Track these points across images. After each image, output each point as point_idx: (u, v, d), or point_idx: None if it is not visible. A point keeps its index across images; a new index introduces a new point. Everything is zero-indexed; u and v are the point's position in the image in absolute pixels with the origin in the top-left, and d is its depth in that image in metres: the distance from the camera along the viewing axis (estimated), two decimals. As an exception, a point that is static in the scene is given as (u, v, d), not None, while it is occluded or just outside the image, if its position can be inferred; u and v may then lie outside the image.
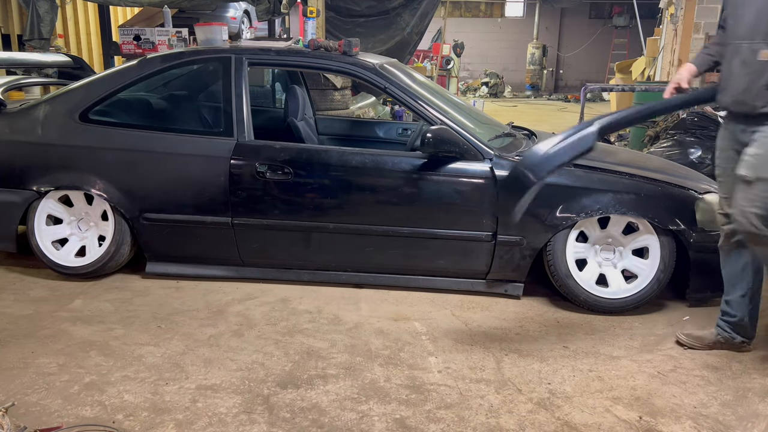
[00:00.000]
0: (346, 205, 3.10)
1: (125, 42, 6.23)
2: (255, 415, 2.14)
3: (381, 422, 2.11)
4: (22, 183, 3.25)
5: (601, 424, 2.13)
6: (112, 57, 8.90)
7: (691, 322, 2.96)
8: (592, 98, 15.98)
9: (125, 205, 3.20)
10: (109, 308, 2.98)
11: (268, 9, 8.12)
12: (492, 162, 3.03)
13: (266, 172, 3.07)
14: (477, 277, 3.18)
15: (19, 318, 2.85)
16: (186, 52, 3.46)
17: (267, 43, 3.62)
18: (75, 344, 2.61)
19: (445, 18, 14.10)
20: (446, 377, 2.42)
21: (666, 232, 2.96)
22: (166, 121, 3.58)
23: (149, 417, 2.11)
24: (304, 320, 2.89)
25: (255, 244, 3.20)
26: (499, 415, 2.17)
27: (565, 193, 2.98)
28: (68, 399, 2.20)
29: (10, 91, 3.83)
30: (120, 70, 3.43)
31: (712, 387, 2.39)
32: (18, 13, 9.04)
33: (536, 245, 3.02)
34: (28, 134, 3.29)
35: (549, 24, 21.64)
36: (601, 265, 3.08)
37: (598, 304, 3.03)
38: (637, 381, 2.42)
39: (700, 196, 3.01)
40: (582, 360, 2.58)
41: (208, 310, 2.98)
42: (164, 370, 2.40)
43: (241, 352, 2.56)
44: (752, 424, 2.15)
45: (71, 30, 9.71)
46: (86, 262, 3.27)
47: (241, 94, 3.19)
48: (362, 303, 3.09)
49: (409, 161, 3.07)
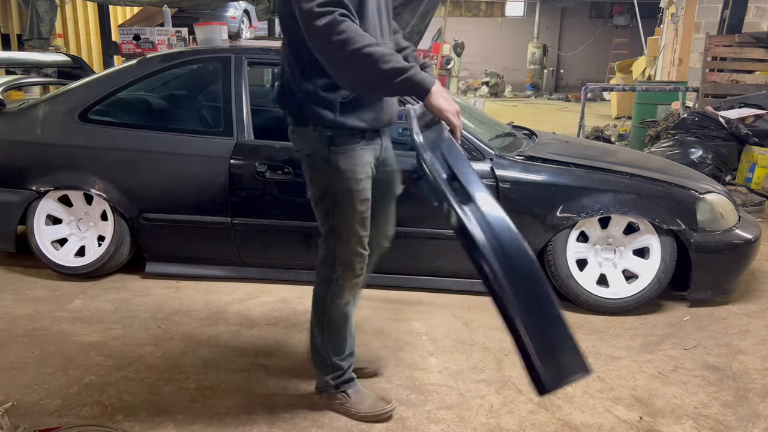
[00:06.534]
0: (346, 205, 3.09)
1: (125, 41, 6.22)
2: (255, 415, 2.13)
3: (381, 422, 2.11)
4: (21, 183, 3.24)
5: (602, 424, 2.13)
6: (111, 57, 8.89)
7: (691, 322, 2.96)
8: (592, 98, 15.97)
9: (125, 205, 3.19)
10: (109, 308, 2.97)
11: (268, 8, 8.11)
12: (492, 162, 3.02)
13: (266, 171, 3.06)
14: (477, 277, 3.15)
15: (19, 318, 2.85)
16: (185, 51, 3.46)
17: (267, 43, 3.61)
18: (75, 344, 2.60)
19: (445, 18, 14.10)
20: (446, 377, 2.41)
21: (667, 232, 2.96)
22: (165, 120, 3.57)
23: (149, 417, 2.10)
24: (304, 320, 2.88)
25: (255, 244, 3.20)
26: (499, 415, 2.17)
27: (566, 193, 2.98)
28: (68, 399, 2.20)
29: (10, 90, 3.83)
30: (119, 69, 3.43)
31: (712, 387, 2.39)
32: (17, 12, 9.05)
33: (537, 245, 3.01)
34: (27, 134, 3.28)
35: (549, 23, 21.63)
36: (602, 265, 3.07)
37: (599, 304, 3.03)
38: (637, 381, 2.42)
39: (701, 196, 3.01)
40: (582, 360, 2.57)
41: (207, 310, 2.97)
42: (164, 370, 2.40)
43: (241, 353, 2.56)
44: (753, 425, 2.15)
45: (71, 30, 9.70)
46: (86, 262, 3.26)
47: (240, 94, 3.19)
48: (362, 302, 3.08)
49: (409, 161, 3.05)
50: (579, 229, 3.02)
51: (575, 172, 3.04)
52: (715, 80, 7.08)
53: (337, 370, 2.10)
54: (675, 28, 9.76)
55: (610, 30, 19.94)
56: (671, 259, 2.97)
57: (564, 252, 3.01)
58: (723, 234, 2.99)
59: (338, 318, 2.05)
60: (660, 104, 7.42)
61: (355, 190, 1.91)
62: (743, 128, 5.41)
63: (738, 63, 7.18)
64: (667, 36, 10.49)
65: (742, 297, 3.26)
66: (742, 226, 3.09)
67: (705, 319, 2.99)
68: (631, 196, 2.97)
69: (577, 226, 3.00)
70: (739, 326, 2.93)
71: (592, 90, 6.98)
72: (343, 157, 1.89)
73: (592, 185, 2.99)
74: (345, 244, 1.97)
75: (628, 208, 2.95)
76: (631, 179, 3.03)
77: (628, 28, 18.86)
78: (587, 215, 2.96)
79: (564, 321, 1.68)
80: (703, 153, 5.37)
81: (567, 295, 3.06)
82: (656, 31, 12.04)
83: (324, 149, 1.88)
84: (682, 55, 9.30)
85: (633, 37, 16.89)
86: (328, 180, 1.92)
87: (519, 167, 3.03)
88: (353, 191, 1.91)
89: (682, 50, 9.32)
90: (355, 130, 1.88)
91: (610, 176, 3.04)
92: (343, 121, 1.85)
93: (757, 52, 7.05)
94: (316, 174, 1.95)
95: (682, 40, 9.25)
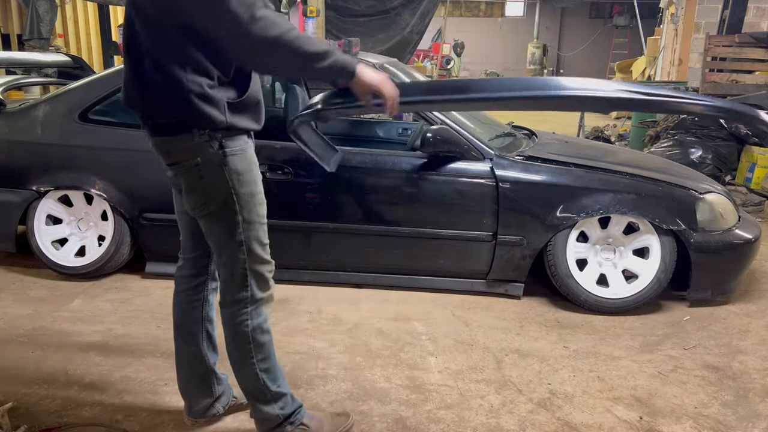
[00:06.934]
0: (346, 205, 3.10)
1: (125, 42, 6.21)
2: (255, 415, 2.13)
3: (381, 422, 2.11)
4: (21, 183, 3.24)
5: (602, 424, 2.13)
6: (111, 57, 8.90)
7: (691, 323, 2.96)
8: (592, 98, 15.92)
9: (125, 205, 3.19)
10: (109, 308, 2.97)
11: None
12: (492, 162, 3.02)
13: (266, 171, 3.06)
14: (477, 277, 3.18)
15: (19, 318, 2.85)
16: (186, 51, 3.45)
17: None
18: (75, 344, 2.60)
19: (445, 17, 14.10)
20: (446, 377, 2.41)
21: (666, 232, 2.96)
22: (165, 120, 3.57)
23: (149, 417, 2.10)
24: (304, 320, 2.88)
25: (255, 244, 3.19)
26: (499, 415, 2.17)
27: (566, 193, 2.98)
28: (68, 399, 2.20)
29: (10, 90, 3.83)
30: (120, 69, 3.42)
31: (712, 387, 2.39)
32: (18, 12, 9.05)
33: (537, 245, 3.02)
34: (27, 134, 3.28)
35: (549, 24, 21.65)
36: (602, 265, 3.07)
37: (599, 304, 3.03)
38: (637, 381, 2.42)
39: (701, 196, 3.01)
40: (582, 360, 2.58)
41: (208, 310, 2.97)
42: (164, 370, 2.40)
43: (241, 353, 2.55)
44: (753, 425, 2.15)
45: (71, 30, 9.71)
46: (86, 262, 3.26)
47: (241, 94, 3.18)
48: (362, 303, 3.08)
49: (409, 161, 3.07)
50: (579, 229, 3.02)
51: (575, 172, 3.04)
52: (715, 80, 7.09)
53: (280, 398, 1.87)
54: (675, 28, 9.76)
55: (610, 30, 19.95)
56: (671, 259, 2.98)
57: (564, 252, 3.01)
58: (723, 234, 2.99)
59: (264, 339, 1.84)
60: (660, 104, 7.40)
61: (256, 192, 1.76)
62: (743, 128, 5.41)
63: (738, 63, 7.18)
64: (667, 36, 10.50)
65: (742, 297, 3.26)
66: (742, 226, 3.09)
67: (705, 319, 2.99)
68: (631, 196, 2.97)
69: (577, 226, 3.00)
70: (739, 326, 2.93)
71: (592, 90, 6.97)
72: (239, 160, 1.71)
73: (592, 185, 3.00)
74: (254, 255, 1.76)
75: (628, 208, 2.95)
76: (631, 179, 3.03)
77: (628, 28, 18.87)
78: (587, 215, 2.96)
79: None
80: (703, 153, 5.38)
81: (567, 295, 3.06)
82: (656, 31, 12.05)
83: (217, 154, 1.67)
84: (682, 55, 9.31)
85: (633, 37, 16.90)
86: (226, 187, 1.70)
87: (519, 167, 3.03)
88: (255, 193, 1.75)
89: (682, 50, 9.33)
90: (243, 130, 1.72)
91: (610, 176, 3.04)
92: (233, 122, 1.67)
93: (757, 52, 7.06)
94: (211, 184, 1.70)
95: (682, 40, 9.26)
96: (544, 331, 2.84)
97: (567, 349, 2.68)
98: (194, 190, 1.74)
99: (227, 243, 1.75)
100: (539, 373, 2.46)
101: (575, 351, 2.66)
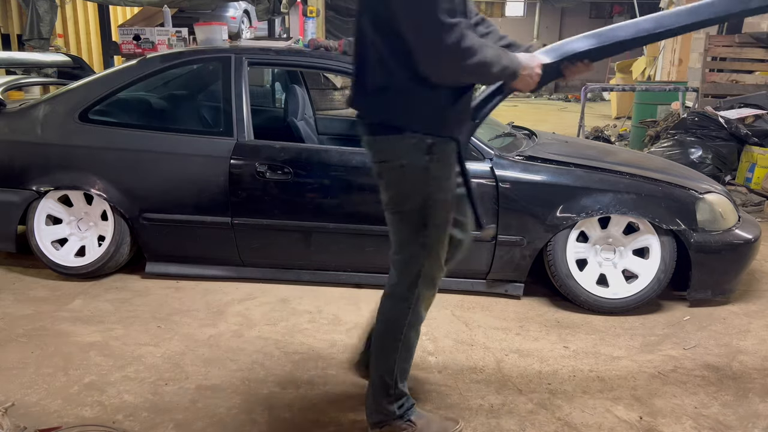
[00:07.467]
0: (346, 205, 3.09)
1: (125, 42, 6.23)
2: (255, 415, 2.14)
3: (381, 422, 2.11)
4: (21, 183, 3.24)
5: (602, 424, 2.13)
6: (111, 57, 8.90)
7: (691, 323, 2.96)
8: (592, 98, 15.97)
9: (125, 205, 3.19)
10: (109, 308, 2.98)
11: (268, 9, 8.13)
12: (492, 162, 3.02)
13: (266, 171, 3.06)
14: (477, 277, 3.18)
15: (19, 318, 2.85)
16: (186, 51, 3.45)
17: (267, 43, 3.61)
18: (75, 344, 2.60)
19: (445, 18, 14.08)
20: (446, 377, 2.41)
21: (666, 232, 2.96)
22: (165, 120, 3.57)
23: (149, 417, 2.10)
24: (304, 320, 2.88)
25: (255, 244, 3.20)
26: (499, 415, 2.17)
27: (566, 193, 2.98)
28: (68, 399, 2.20)
29: (10, 90, 3.83)
30: (120, 69, 3.42)
31: (712, 387, 2.39)
32: (18, 12, 9.05)
33: (536, 245, 3.01)
34: (27, 134, 3.28)
35: (549, 23, 21.63)
36: (602, 265, 3.07)
37: (599, 304, 3.03)
38: (637, 381, 2.42)
39: (700, 196, 3.01)
40: (582, 360, 2.58)
41: (208, 310, 2.97)
42: (164, 370, 2.40)
43: (241, 353, 2.56)
44: (753, 425, 2.15)
45: (71, 30, 9.71)
46: (86, 262, 3.26)
47: (240, 94, 3.19)
48: (362, 303, 3.08)
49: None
50: (579, 229, 3.02)
51: (575, 172, 3.04)
52: (715, 80, 7.09)
53: (401, 398, 1.92)
54: (675, 28, 9.74)
55: (610, 30, 19.91)
56: (671, 259, 2.98)
57: (564, 252, 3.01)
58: (723, 234, 2.99)
59: (413, 340, 1.90)
60: (660, 104, 7.42)
61: (449, 199, 1.79)
62: (743, 128, 5.42)
63: (738, 63, 7.18)
64: (667, 36, 10.48)
65: (742, 297, 3.26)
66: (741, 226, 3.09)
67: (705, 319, 2.99)
68: (630, 196, 2.97)
69: (577, 226, 3.00)
70: (739, 326, 2.93)
71: (592, 90, 6.98)
72: (442, 166, 1.75)
73: (592, 185, 3.00)
74: (433, 259, 1.82)
75: (628, 208, 2.95)
76: (631, 179, 3.03)
77: (628, 28, 18.84)
78: (587, 215, 2.96)
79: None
80: (702, 153, 5.37)
81: (567, 295, 3.06)
82: (656, 31, 12.01)
83: (423, 157, 1.71)
84: (682, 55, 9.31)
85: (633, 37, 16.86)
86: (425, 191, 1.74)
87: (519, 167, 3.03)
88: (447, 201, 1.79)
89: (682, 50, 9.33)
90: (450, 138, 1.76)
91: (610, 176, 3.04)
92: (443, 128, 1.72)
93: (757, 52, 7.06)
94: (412, 185, 1.75)
95: (682, 40, 9.26)
96: (544, 331, 2.84)
97: (567, 349, 2.68)
98: (393, 188, 1.80)
99: (410, 243, 1.81)
100: (539, 373, 2.46)
101: (575, 351, 2.66)
